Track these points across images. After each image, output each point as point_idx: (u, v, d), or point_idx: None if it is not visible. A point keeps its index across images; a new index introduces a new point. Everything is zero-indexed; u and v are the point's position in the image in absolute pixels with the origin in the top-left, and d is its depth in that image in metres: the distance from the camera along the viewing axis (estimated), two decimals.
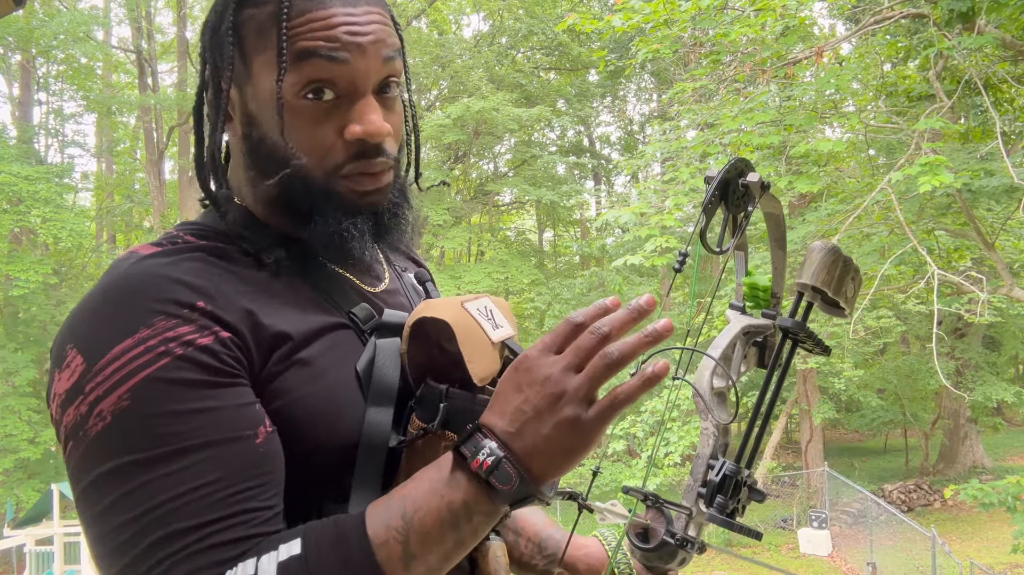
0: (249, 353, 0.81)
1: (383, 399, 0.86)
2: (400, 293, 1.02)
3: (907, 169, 6.68)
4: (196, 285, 0.80)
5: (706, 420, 0.92)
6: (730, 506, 0.86)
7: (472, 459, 0.74)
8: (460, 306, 0.89)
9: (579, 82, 25.03)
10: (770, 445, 17.65)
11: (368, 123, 0.86)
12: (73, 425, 0.76)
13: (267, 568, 0.72)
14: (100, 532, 0.75)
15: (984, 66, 7.14)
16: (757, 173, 0.93)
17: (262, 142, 0.88)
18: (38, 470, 18.22)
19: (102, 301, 0.80)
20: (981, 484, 8.32)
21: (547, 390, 0.74)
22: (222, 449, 0.76)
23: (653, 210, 8.95)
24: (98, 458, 0.75)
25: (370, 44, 0.85)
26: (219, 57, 0.88)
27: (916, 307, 14.02)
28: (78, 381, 0.76)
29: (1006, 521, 10.50)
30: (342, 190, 0.88)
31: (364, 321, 0.91)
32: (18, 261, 18.12)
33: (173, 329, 0.77)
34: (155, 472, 0.74)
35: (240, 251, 0.88)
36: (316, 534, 0.75)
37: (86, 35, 20.84)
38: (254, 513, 0.76)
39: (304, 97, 0.85)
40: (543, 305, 19.54)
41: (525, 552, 1.13)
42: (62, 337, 0.80)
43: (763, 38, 7.97)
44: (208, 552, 0.73)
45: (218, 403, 0.77)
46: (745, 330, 0.97)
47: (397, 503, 0.76)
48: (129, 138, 26.75)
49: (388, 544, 0.74)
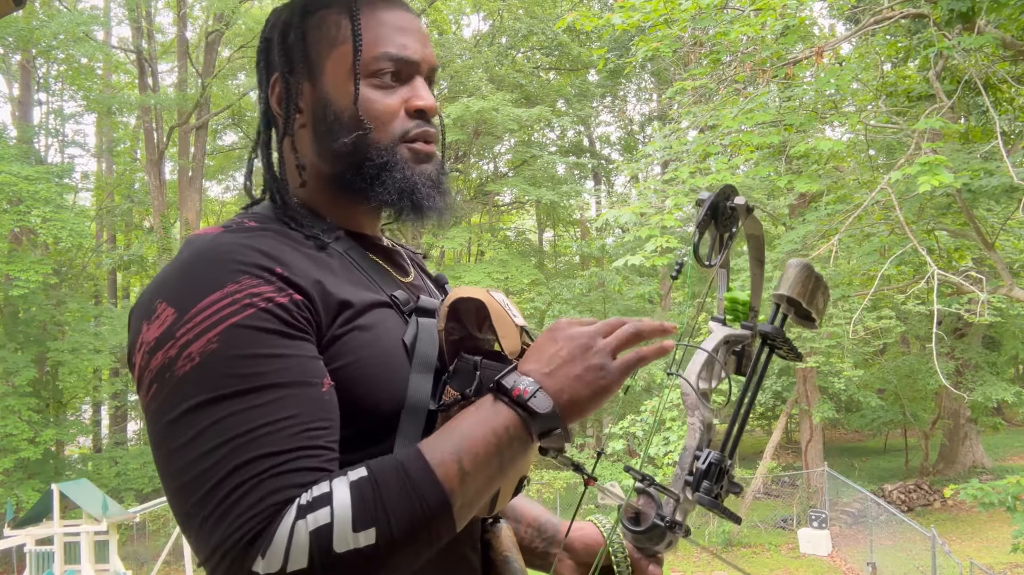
0: (318, 315, 0.91)
1: (424, 368, 0.97)
2: (423, 288, 1.15)
3: (907, 169, 6.68)
4: (274, 255, 0.91)
5: (693, 416, 1.03)
6: (715, 491, 0.97)
7: (512, 389, 0.88)
8: (487, 292, 1.00)
9: (579, 82, 25.01)
10: (770, 445, 17.65)
11: (427, 98, 1.05)
12: (160, 368, 0.85)
13: (340, 487, 0.82)
14: (182, 463, 0.83)
15: (984, 66, 7.13)
16: (743, 197, 1.06)
17: (337, 119, 1.02)
18: (38, 470, 18.23)
19: (190, 264, 0.90)
20: (981, 484, 8.31)
21: (580, 342, 0.91)
22: (298, 390, 0.85)
23: (653, 210, 8.94)
24: (185, 395, 0.83)
25: (424, 40, 1.06)
26: (291, 57, 1.04)
27: (916, 307, 14.02)
28: (169, 328, 0.86)
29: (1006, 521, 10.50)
30: (406, 153, 1.04)
31: (404, 303, 1.03)
32: (18, 261, 18.10)
33: (257, 287, 0.87)
34: (238, 405, 0.83)
35: (299, 235, 1.00)
36: (379, 463, 0.85)
37: (86, 35, 20.83)
38: (323, 450, 0.85)
39: (377, 76, 1.02)
40: (543, 305, 19.54)
41: (525, 536, 1.23)
42: (149, 294, 0.90)
43: (763, 37, 7.96)
44: (287, 475, 0.81)
45: (293, 352, 0.87)
46: (726, 339, 1.09)
47: (446, 435, 0.88)
48: (129, 138, 26.73)
49: (445, 463, 0.84)
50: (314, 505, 0.80)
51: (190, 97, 21.40)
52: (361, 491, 0.81)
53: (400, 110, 1.04)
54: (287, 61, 1.04)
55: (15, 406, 17.34)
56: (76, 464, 21.12)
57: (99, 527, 12.90)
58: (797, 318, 1.04)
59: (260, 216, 1.02)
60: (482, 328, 1.01)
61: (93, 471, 18.94)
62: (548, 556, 1.22)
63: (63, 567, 13.10)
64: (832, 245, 7.71)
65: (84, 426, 22.92)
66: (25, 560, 13.28)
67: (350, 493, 0.81)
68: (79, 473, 18.78)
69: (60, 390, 20.40)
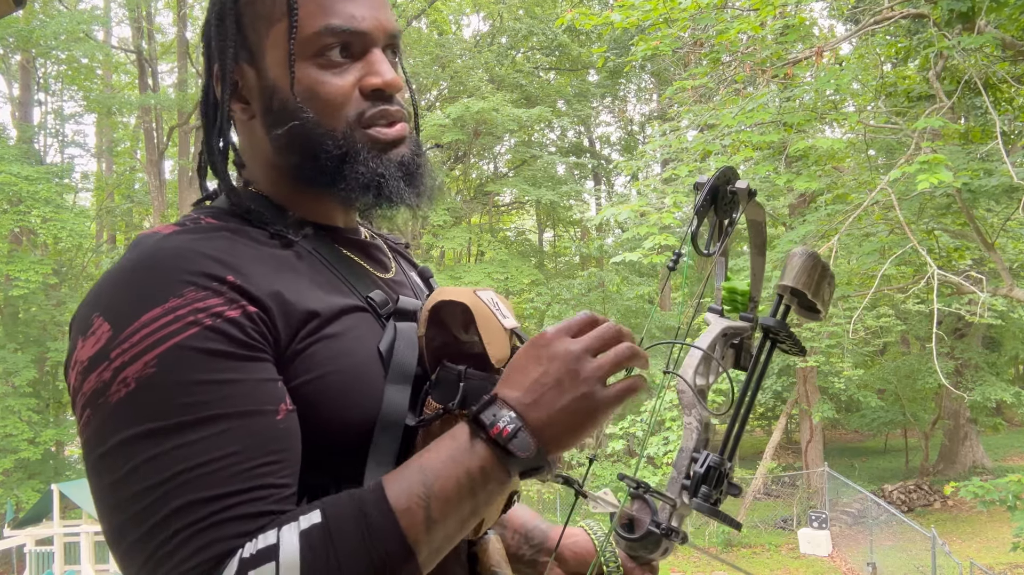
0: (275, 329, 0.81)
1: (401, 378, 0.87)
2: (406, 285, 1.04)
3: (905, 167, 6.67)
4: (226, 260, 0.81)
5: (689, 415, 0.96)
6: (714, 496, 0.91)
7: (492, 426, 0.77)
8: (473, 294, 0.91)
9: (579, 82, 25.01)
10: (770, 445, 17.64)
11: (385, 73, 0.91)
12: (94, 392, 0.76)
13: (288, 538, 0.72)
14: (115, 501, 0.75)
15: (984, 66, 7.13)
16: (745, 181, 0.98)
17: (283, 107, 0.91)
18: (38, 470, 18.22)
19: (131, 272, 0.80)
20: (982, 482, 8.32)
21: (569, 365, 0.79)
22: (244, 422, 0.76)
23: (652, 208, 8.95)
24: (119, 425, 0.74)
25: (379, 3, 0.92)
26: (226, 40, 0.92)
27: (916, 307, 14.01)
28: (103, 347, 0.76)
29: (1006, 521, 10.50)
30: (365, 140, 0.91)
31: (381, 305, 0.93)
32: (18, 261, 18.11)
33: (203, 300, 0.77)
34: (176, 440, 0.73)
35: (261, 232, 0.90)
36: (335, 505, 0.75)
37: (86, 35, 20.83)
38: (272, 489, 0.76)
39: (322, 55, 0.89)
40: (543, 305, 19.53)
41: (512, 544, 1.16)
42: (87, 306, 0.80)
43: (763, 37, 7.97)
44: (228, 524, 0.73)
45: (243, 376, 0.77)
46: (724, 331, 1.02)
47: (416, 472, 0.77)
48: (129, 138, 26.73)
49: (411, 511, 0.75)
50: (258, 559, 0.71)
51: (190, 97, 21.39)
52: (312, 543, 0.72)
53: (353, 91, 0.91)
54: (223, 46, 0.92)
55: (15, 406, 17.33)
56: (76, 464, 21.08)
57: (99, 527, 12.88)
58: (801, 310, 0.98)
59: (219, 212, 0.92)
60: (467, 330, 0.90)
61: None
62: (536, 564, 1.16)
63: (63, 567, 13.11)
64: (832, 245, 7.71)
65: None
66: (25, 560, 13.28)
67: (299, 545, 0.72)
68: (79, 473, 18.74)
69: (60, 390, 20.39)
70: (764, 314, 0.97)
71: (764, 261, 1.07)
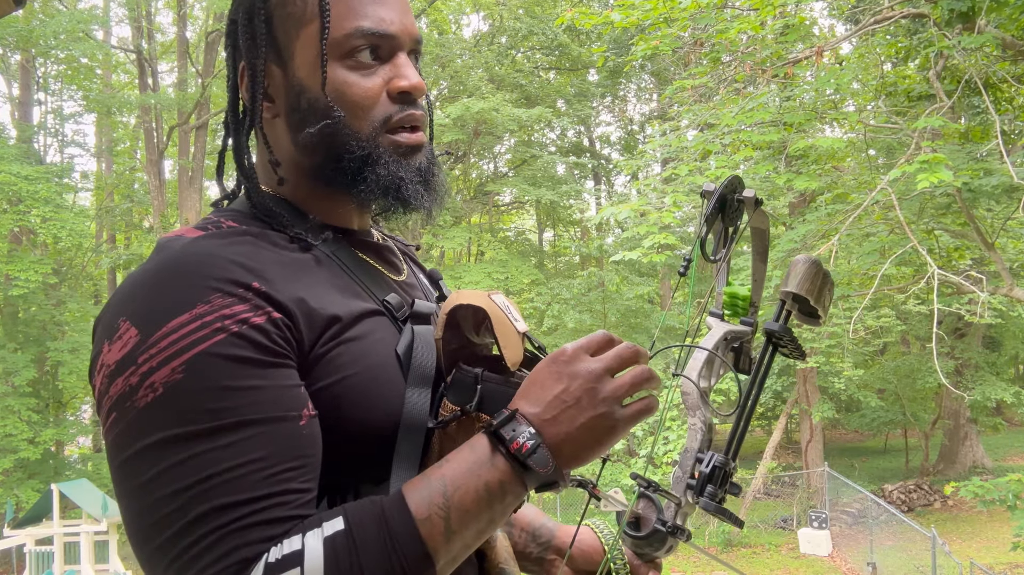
0: (299, 334, 0.82)
1: (421, 381, 0.89)
2: (417, 287, 1.06)
3: (905, 166, 6.67)
4: (251, 266, 0.82)
5: (694, 416, 0.99)
6: (719, 495, 0.94)
7: (512, 441, 0.80)
8: (488, 298, 0.92)
9: (579, 82, 25.01)
10: (770, 445, 17.65)
11: (412, 77, 0.93)
12: (120, 396, 0.77)
13: (313, 544, 0.74)
14: (141, 505, 0.76)
15: (984, 66, 7.13)
16: (752, 190, 1.02)
17: (312, 107, 0.92)
18: (38, 470, 18.21)
19: (158, 276, 0.81)
20: (982, 482, 8.32)
21: (588, 384, 0.82)
22: (269, 427, 0.77)
23: (652, 208, 8.95)
24: (146, 429, 0.76)
25: (405, 9, 0.95)
26: (256, 39, 0.93)
27: (916, 307, 14.02)
28: (131, 352, 0.77)
29: (1006, 521, 10.51)
30: (388, 144, 0.93)
31: (397, 309, 0.94)
32: (18, 261, 18.11)
33: (230, 307, 0.79)
34: (203, 446, 0.75)
35: (281, 236, 0.91)
36: (358, 511, 0.78)
37: (86, 35, 20.82)
38: (296, 494, 0.78)
39: (352, 56, 0.91)
40: (543, 305, 19.53)
41: (519, 542, 1.18)
42: (113, 310, 0.81)
43: (763, 37, 7.96)
44: (254, 529, 0.74)
45: (268, 382, 0.79)
46: (725, 335, 1.06)
47: (437, 482, 0.79)
48: (129, 138, 26.72)
49: (431, 520, 0.77)
50: (284, 564, 0.73)
51: (190, 97, 21.39)
52: (336, 549, 0.74)
53: (381, 93, 0.92)
54: (252, 45, 0.93)
55: (15, 406, 17.33)
56: (76, 464, 21.09)
57: (99, 527, 12.91)
58: (801, 315, 1.01)
59: (239, 215, 0.94)
60: (479, 331, 0.93)
61: (93, 471, 18.90)
62: (543, 562, 1.17)
63: (63, 567, 13.10)
64: (832, 245, 7.71)
65: (84, 426, 22.88)
66: (25, 560, 13.28)
67: (323, 551, 0.74)
68: (79, 473, 18.76)
69: (60, 390, 20.41)
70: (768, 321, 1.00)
71: (765, 267, 1.10)
